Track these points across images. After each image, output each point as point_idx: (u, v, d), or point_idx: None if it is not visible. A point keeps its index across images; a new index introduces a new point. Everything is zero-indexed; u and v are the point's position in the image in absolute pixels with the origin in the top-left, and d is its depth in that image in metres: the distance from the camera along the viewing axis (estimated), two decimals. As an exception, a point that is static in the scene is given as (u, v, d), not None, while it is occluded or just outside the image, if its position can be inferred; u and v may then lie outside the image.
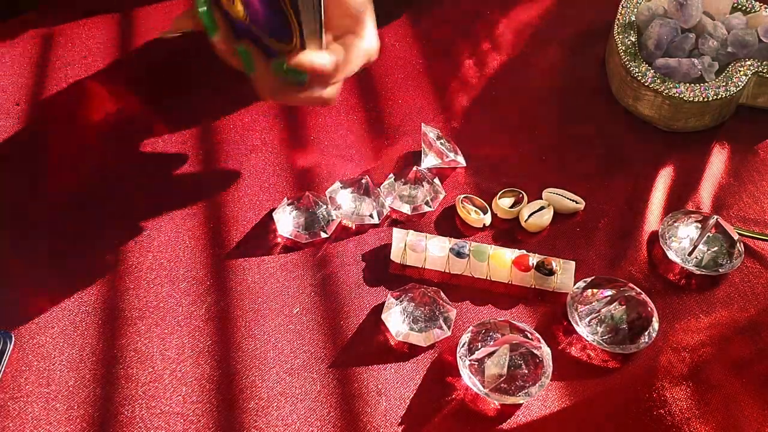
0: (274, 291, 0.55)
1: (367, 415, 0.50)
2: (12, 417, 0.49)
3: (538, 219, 0.59)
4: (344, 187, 0.59)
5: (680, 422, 0.51)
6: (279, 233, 0.58)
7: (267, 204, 0.60)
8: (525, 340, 0.51)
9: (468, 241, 0.57)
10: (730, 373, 0.54)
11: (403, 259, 0.56)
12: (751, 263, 0.59)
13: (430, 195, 0.59)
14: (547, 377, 0.51)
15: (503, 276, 0.56)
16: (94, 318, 0.53)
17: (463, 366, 0.51)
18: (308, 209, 0.57)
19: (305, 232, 0.57)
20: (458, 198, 0.60)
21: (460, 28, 0.73)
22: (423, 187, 0.59)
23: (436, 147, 0.61)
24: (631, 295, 0.54)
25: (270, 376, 0.52)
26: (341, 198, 0.59)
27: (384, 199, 0.59)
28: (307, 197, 0.57)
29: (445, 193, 0.60)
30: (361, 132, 0.65)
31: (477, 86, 0.68)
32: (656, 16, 0.67)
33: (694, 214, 0.60)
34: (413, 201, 0.59)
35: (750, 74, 0.65)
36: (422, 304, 0.53)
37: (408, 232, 0.57)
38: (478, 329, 0.53)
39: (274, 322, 0.54)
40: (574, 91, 0.69)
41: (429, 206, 0.59)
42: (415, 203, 0.59)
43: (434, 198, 0.60)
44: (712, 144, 0.66)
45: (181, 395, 0.51)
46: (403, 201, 0.59)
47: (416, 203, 0.59)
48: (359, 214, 0.58)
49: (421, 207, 0.59)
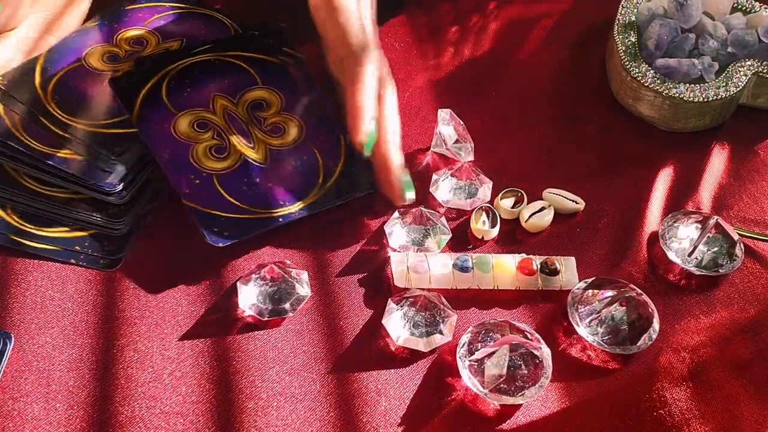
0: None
1: (367, 415, 0.50)
2: (12, 417, 0.49)
3: (539, 219, 0.59)
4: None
5: (680, 423, 0.51)
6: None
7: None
8: (525, 340, 0.51)
9: (469, 254, 0.57)
10: (731, 373, 0.54)
11: (408, 282, 0.55)
12: (751, 264, 0.59)
13: (434, 239, 0.58)
14: (546, 378, 0.51)
15: (510, 283, 0.56)
16: (94, 318, 0.53)
17: (463, 366, 0.51)
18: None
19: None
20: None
21: (459, 28, 0.73)
22: (428, 228, 0.58)
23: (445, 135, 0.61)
24: (632, 296, 0.54)
25: (270, 376, 0.52)
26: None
27: (388, 234, 0.58)
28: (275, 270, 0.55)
29: (450, 235, 0.58)
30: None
31: (476, 86, 0.68)
32: (656, 16, 0.67)
33: (694, 214, 0.60)
34: (419, 242, 0.58)
35: (750, 74, 0.65)
36: (423, 309, 0.53)
37: (407, 254, 0.57)
38: (477, 330, 0.53)
39: (274, 323, 0.54)
40: (574, 91, 0.69)
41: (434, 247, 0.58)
42: (420, 244, 0.58)
43: (438, 243, 0.58)
44: (712, 144, 0.66)
45: (181, 395, 0.51)
46: (409, 243, 0.58)
47: (420, 244, 0.58)
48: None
49: (425, 248, 0.57)
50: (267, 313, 0.53)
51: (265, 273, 0.54)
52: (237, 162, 0.57)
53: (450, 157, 0.63)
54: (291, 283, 0.54)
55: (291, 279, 0.54)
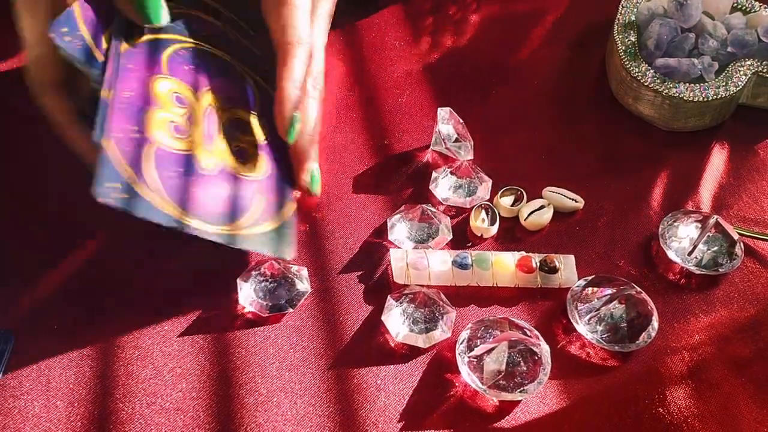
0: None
1: (366, 410, 0.51)
2: (12, 415, 0.49)
3: (538, 218, 0.59)
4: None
5: (679, 421, 0.51)
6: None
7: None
8: (524, 337, 0.51)
9: (469, 251, 0.57)
10: (730, 372, 0.54)
11: (407, 279, 0.56)
12: (751, 263, 0.59)
13: (433, 235, 0.58)
14: (545, 374, 0.51)
15: (509, 280, 0.56)
16: (94, 317, 0.54)
17: (462, 363, 0.51)
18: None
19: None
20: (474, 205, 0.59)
21: (459, 28, 0.73)
22: (430, 226, 0.58)
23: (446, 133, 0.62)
24: (631, 294, 0.54)
25: (270, 372, 0.52)
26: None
27: (390, 229, 0.58)
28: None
29: (452, 237, 0.58)
30: (357, 131, 0.65)
31: (476, 86, 0.69)
32: (656, 16, 0.68)
33: (694, 213, 0.60)
34: (421, 238, 0.58)
35: (750, 74, 0.65)
36: (422, 306, 0.53)
37: (406, 251, 0.57)
38: (477, 326, 0.53)
39: (274, 318, 0.54)
40: (574, 91, 0.69)
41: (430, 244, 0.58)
42: (422, 241, 0.58)
43: (439, 240, 0.58)
44: (711, 144, 0.66)
45: (181, 391, 0.51)
46: (410, 240, 0.58)
47: (422, 241, 0.58)
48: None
49: (426, 245, 0.58)
50: (267, 309, 0.53)
51: (265, 269, 0.54)
52: (186, 151, 0.52)
53: (449, 156, 0.63)
54: (291, 280, 0.54)
55: (291, 275, 0.54)
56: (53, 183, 0.60)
